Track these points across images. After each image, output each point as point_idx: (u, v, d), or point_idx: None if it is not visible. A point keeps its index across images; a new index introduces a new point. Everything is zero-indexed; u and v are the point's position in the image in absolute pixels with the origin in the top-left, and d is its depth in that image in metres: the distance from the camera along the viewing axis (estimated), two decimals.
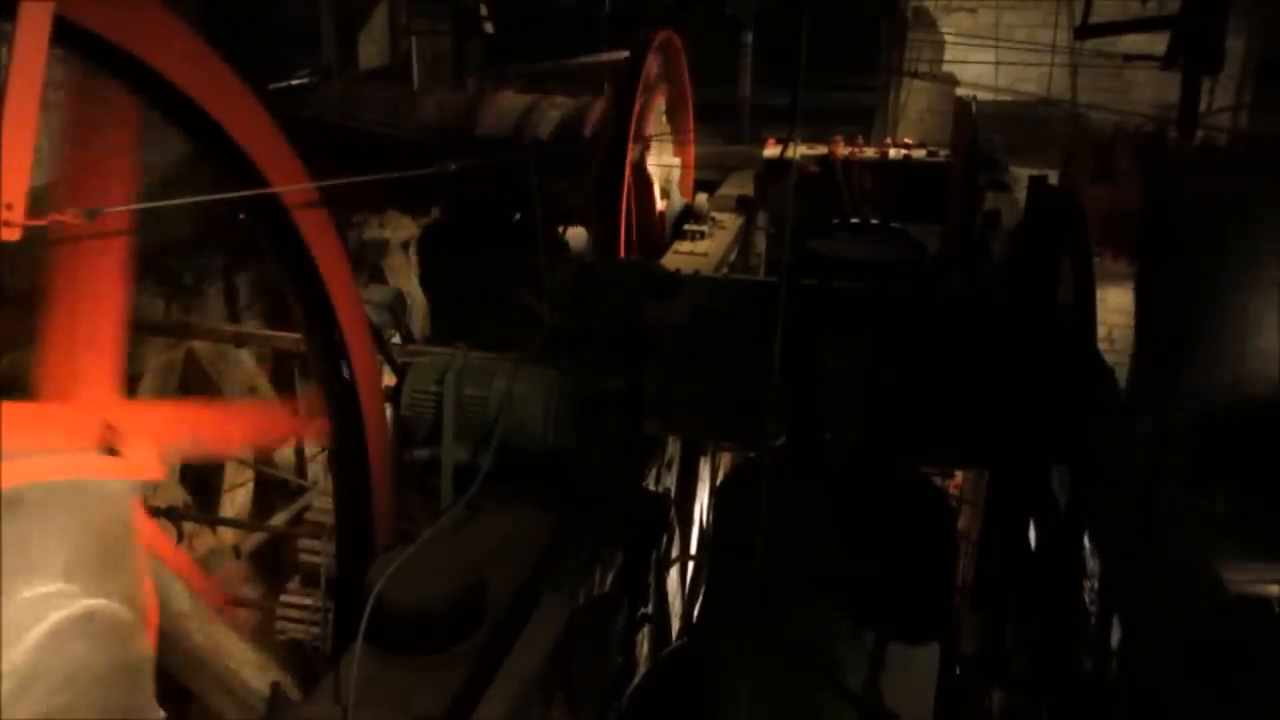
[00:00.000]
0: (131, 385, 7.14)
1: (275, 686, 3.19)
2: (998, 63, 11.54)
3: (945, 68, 12.48)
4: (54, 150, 2.87)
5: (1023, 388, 4.27)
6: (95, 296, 2.98)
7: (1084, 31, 6.31)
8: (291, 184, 3.33)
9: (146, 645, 2.92)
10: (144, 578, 2.95)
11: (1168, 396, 6.70)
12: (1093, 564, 4.01)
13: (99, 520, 2.72)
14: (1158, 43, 6.83)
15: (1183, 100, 5.88)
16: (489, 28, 11.96)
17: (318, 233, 3.55)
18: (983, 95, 8.90)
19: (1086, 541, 4.04)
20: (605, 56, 10.33)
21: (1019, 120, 10.51)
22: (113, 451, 2.81)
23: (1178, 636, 3.18)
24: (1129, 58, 8.11)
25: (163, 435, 3.20)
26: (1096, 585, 3.97)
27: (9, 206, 2.32)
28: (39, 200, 2.50)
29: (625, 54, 8.25)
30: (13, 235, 2.33)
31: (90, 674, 2.65)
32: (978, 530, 6.20)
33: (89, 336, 2.97)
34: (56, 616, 2.54)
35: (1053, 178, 5.32)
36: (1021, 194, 5.88)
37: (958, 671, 4.94)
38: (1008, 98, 10.91)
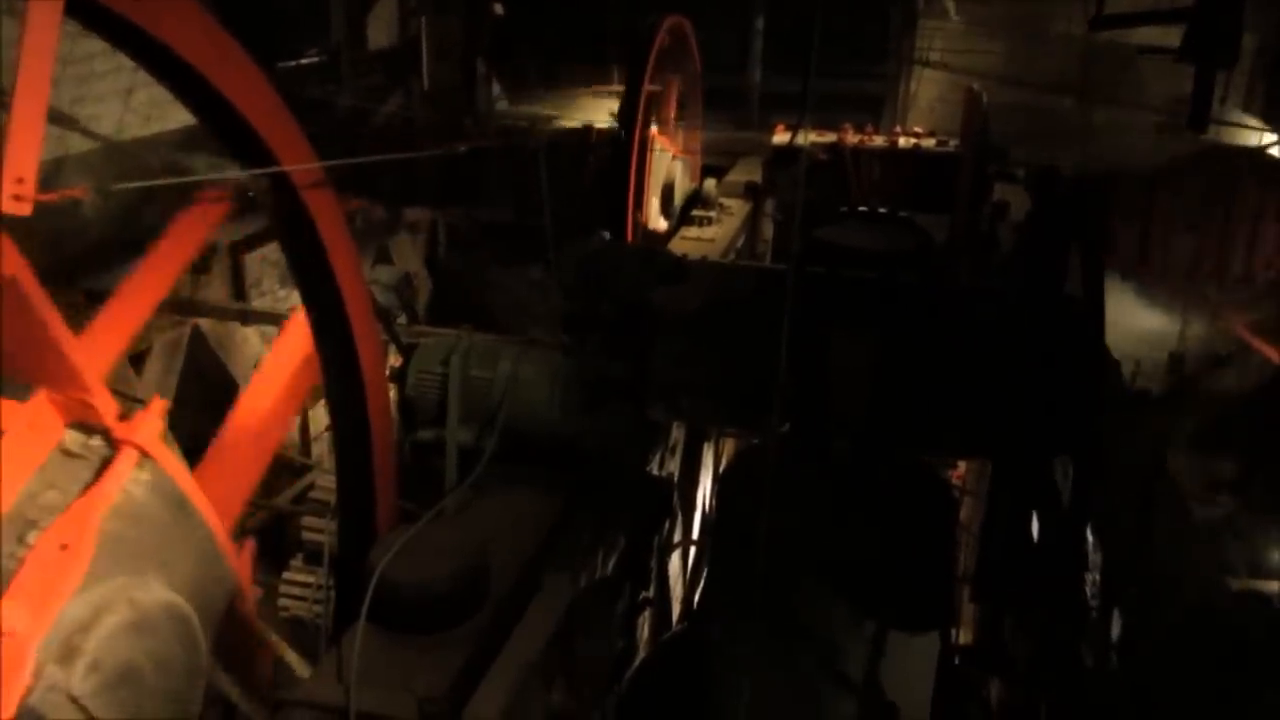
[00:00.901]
0: (137, 362, 7.16)
1: (279, 663, 3.21)
2: (1009, 53, 11.48)
3: (956, 57, 12.41)
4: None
5: (1028, 379, 4.27)
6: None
7: (1098, 23, 6.24)
8: (300, 163, 3.32)
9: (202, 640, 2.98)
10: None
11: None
12: (1095, 557, 4.02)
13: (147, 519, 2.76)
14: (1171, 35, 6.77)
15: (1195, 94, 5.81)
16: (499, 9, 11.92)
17: (325, 213, 3.54)
18: (993, 85, 8.84)
19: (1089, 534, 4.05)
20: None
21: (1030, 111, 10.45)
22: (108, 436, 2.78)
23: (1179, 631, 3.18)
24: (1144, 50, 8.02)
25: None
26: (1098, 578, 3.98)
27: (20, 181, 2.31)
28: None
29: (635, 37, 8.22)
30: (25, 210, 2.32)
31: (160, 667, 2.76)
32: (979, 521, 6.20)
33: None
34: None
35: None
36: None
37: (956, 661, 4.95)
38: (1018, 88, 10.85)
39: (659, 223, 8.56)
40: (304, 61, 10.81)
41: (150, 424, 2.84)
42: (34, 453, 2.63)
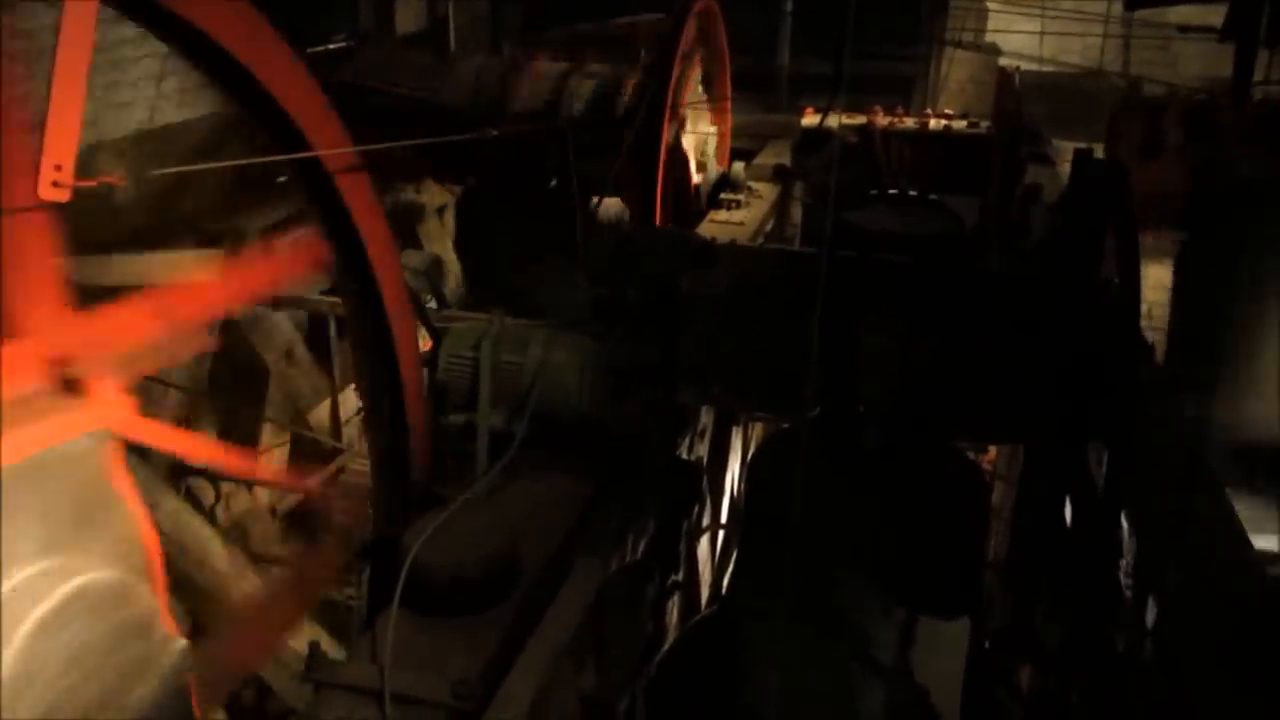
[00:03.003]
0: None
1: (314, 646, 3.24)
2: (1043, 32, 11.32)
3: (988, 37, 12.27)
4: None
5: (1061, 364, 4.23)
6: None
7: (1135, 2, 6.14)
8: (334, 148, 3.34)
9: (148, 592, 2.69)
10: (134, 523, 2.69)
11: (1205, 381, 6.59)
12: (1129, 543, 3.98)
13: (71, 485, 2.49)
14: (1208, 14, 6.68)
15: (1236, 73, 5.71)
16: None
17: (359, 196, 3.56)
18: (1026, 66, 8.74)
19: (1123, 521, 4.01)
20: (643, 19, 10.25)
21: (1063, 92, 10.31)
22: (72, 387, 2.51)
23: (1215, 618, 3.15)
24: (1184, 29, 7.90)
25: (128, 341, 2.80)
26: (1132, 565, 3.95)
27: (58, 167, 2.33)
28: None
29: (662, 17, 8.19)
30: (63, 196, 2.34)
31: (94, 647, 2.50)
32: (1010, 506, 6.16)
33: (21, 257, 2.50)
34: (39, 611, 2.36)
35: (1098, 152, 5.23)
36: (1065, 168, 5.78)
37: (987, 647, 4.93)
38: (1052, 69, 10.71)
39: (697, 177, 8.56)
40: (332, 46, 10.83)
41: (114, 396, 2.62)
42: None
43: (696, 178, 8.61)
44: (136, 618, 2.62)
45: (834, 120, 7.99)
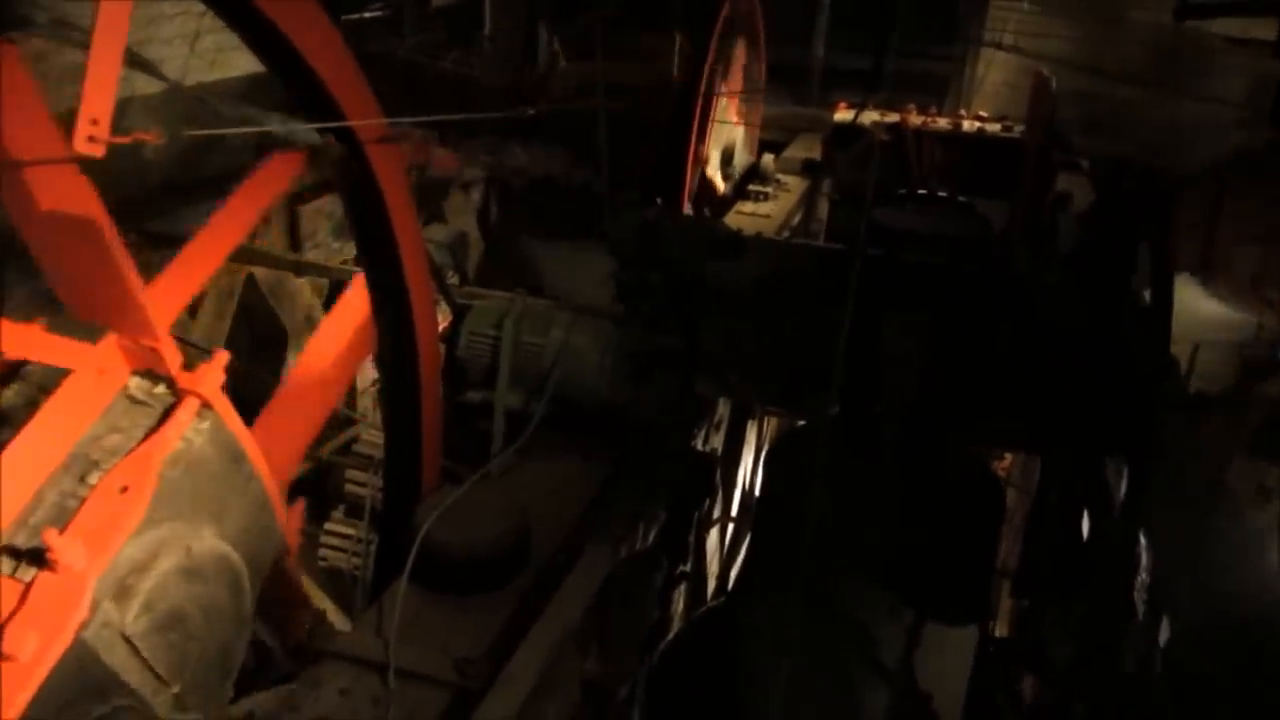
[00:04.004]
0: (192, 308, 7.24)
1: (319, 614, 3.24)
2: (1084, 39, 11.17)
3: (1028, 40, 12.11)
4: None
5: (1085, 375, 4.18)
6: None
7: (1184, 12, 6.02)
8: (366, 118, 3.31)
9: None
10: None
11: None
12: (1145, 558, 3.94)
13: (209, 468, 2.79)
14: (1256, 27, 6.55)
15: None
16: None
17: (387, 168, 3.54)
18: (1064, 72, 8.62)
19: (1140, 536, 3.97)
20: None
21: (1100, 100, 10.18)
22: (172, 385, 2.80)
23: (1229, 639, 3.12)
24: (1234, 41, 7.74)
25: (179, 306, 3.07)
26: (1147, 580, 3.91)
27: (94, 123, 2.32)
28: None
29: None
30: (98, 151, 2.33)
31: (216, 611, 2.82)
32: (1022, 514, 6.12)
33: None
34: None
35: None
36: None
37: (992, 654, 4.90)
38: (1091, 76, 10.56)
39: (718, 178, 8.49)
40: (367, 15, 10.79)
41: (213, 375, 2.86)
42: (99, 395, 2.66)
43: (716, 175, 8.53)
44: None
45: (868, 117, 7.92)
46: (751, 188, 8.28)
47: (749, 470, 7.18)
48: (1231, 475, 5.43)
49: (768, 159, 8.65)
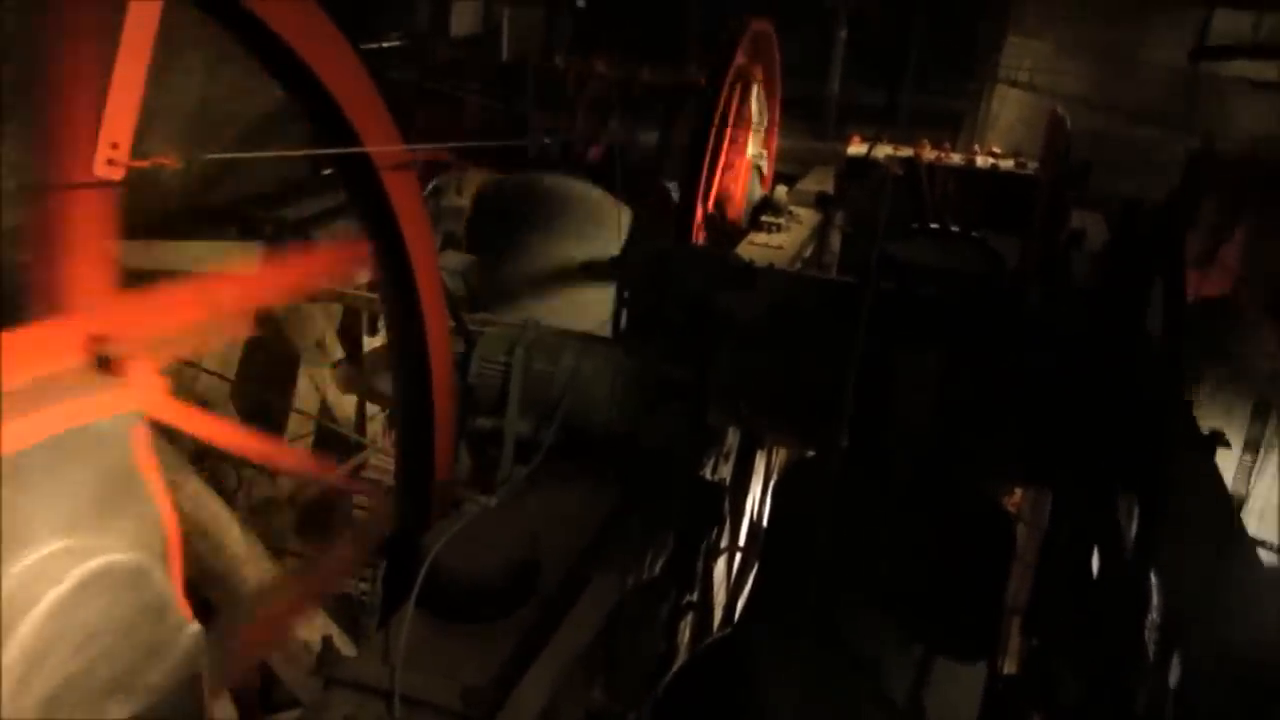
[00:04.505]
0: None
1: (326, 640, 3.23)
2: (1099, 78, 11.21)
3: (1044, 78, 12.17)
4: None
5: (1098, 413, 4.17)
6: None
7: (1200, 54, 6.04)
8: (384, 145, 3.34)
9: (165, 576, 2.68)
10: (158, 505, 2.68)
11: None
12: (1156, 599, 3.90)
13: (98, 465, 2.47)
14: (1271, 70, 6.56)
15: None
16: (580, 1, 11.96)
17: (404, 194, 3.57)
18: (1079, 110, 8.65)
19: (1152, 576, 3.93)
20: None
21: (1114, 140, 10.20)
22: (108, 366, 2.49)
23: (1241, 684, 3.08)
24: (1259, 85, 7.73)
25: (168, 325, 2.79)
26: (1158, 620, 3.87)
27: (114, 146, 2.35)
28: None
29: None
30: (117, 174, 2.36)
31: (109, 629, 2.48)
32: (1032, 551, 6.07)
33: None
34: (56, 591, 2.34)
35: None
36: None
37: (1001, 691, 4.85)
38: (1105, 114, 10.60)
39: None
40: (386, 44, 10.93)
41: (148, 378, 2.60)
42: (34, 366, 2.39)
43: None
44: (153, 601, 2.60)
45: (881, 151, 7.94)
46: (764, 219, 8.31)
47: (757, 500, 7.15)
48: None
49: (781, 191, 8.69)
